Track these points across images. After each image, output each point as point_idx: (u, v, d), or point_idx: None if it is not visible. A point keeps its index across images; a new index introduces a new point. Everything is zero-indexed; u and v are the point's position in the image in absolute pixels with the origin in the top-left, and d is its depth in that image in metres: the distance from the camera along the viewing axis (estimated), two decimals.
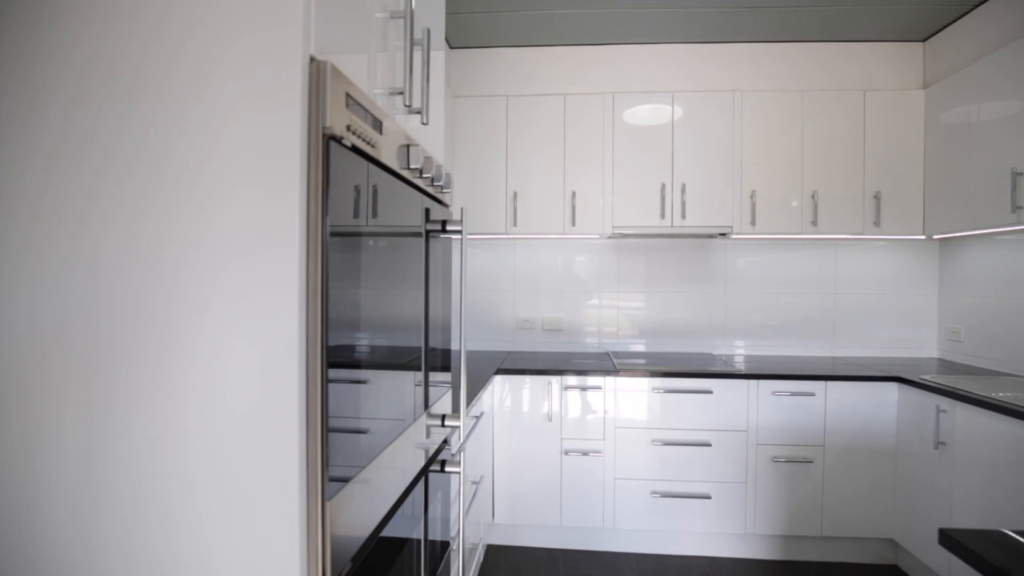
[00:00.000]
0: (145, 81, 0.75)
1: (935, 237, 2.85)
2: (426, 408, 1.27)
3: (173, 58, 0.75)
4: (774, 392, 2.51)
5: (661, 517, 2.56)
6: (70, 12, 0.77)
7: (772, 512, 2.52)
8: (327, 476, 0.75)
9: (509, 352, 3.14)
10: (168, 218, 0.75)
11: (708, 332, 3.13)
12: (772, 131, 2.82)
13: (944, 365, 2.75)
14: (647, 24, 2.88)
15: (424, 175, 1.17)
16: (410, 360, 1.15)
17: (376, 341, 0.95)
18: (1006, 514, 1.84)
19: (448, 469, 1.41)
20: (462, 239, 1.33)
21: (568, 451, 2.60)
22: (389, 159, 0.99)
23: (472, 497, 2.02)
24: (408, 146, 1.08)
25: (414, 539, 1.20)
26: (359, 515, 0.87)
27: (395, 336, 1.05)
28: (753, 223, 2.81)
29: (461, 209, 1.34)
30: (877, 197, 2.78)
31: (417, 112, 1.19)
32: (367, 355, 0.91)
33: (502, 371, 2.61)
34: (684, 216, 2.83)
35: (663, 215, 2.84)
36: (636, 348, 3.17)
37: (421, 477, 1.25)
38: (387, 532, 1.01)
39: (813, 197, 2.79)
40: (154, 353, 0.75)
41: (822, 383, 2.50)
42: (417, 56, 1.19)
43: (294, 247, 0.73)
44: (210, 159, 0.74)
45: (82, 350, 0.76)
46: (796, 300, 3.09)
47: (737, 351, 3.12)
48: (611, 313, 3.18)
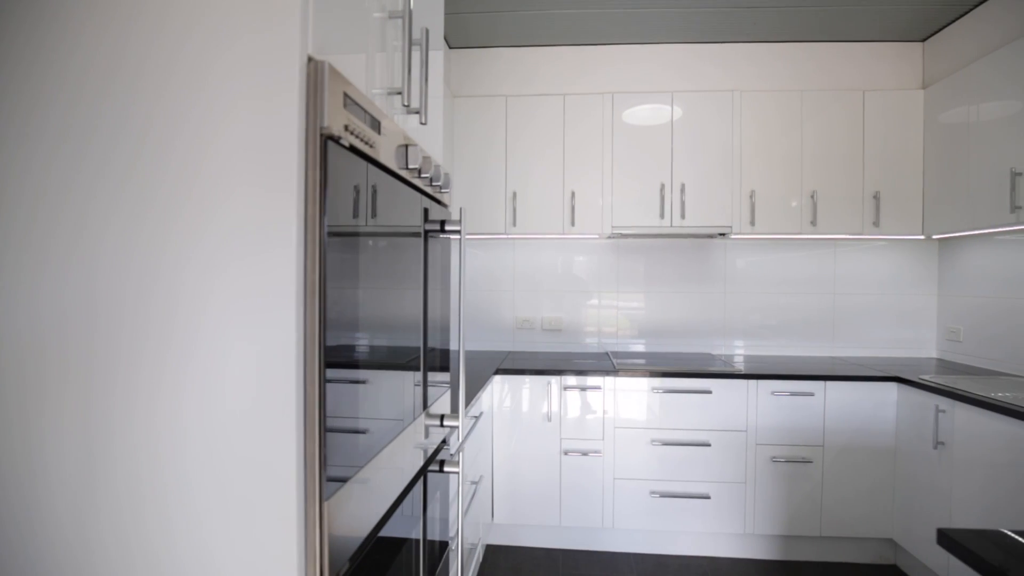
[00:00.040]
0: (144, 81, 0.75)
1: (934, 237, 2.85)
2: (425, 408, 1.27)
3: (172, 58, 0.75)
4: (773, 392, 2.51)
5: (660, 517, 2.56)
6: (69, 12, 0.77)
7: (771, 512, 2.52)
8: (325, 476, 0.75)
9: (508, 352, 3.14)
10: (167, 218, 0.75)
11: (707, 332, 3.13)
12: (771, 131, 2.82)
13: (943, 365, 2.75)
14: (646, 24, 2.88)
15: (423, 175, 1.17)
16: (409, 360, 1.15)
17: (375, 341, 0.95)
18: (1005, 514, 1.84)
19: (447, 469, 1.41)
20: (461, 239, 1.33)
21: (567, 451, 2.60)
22: (388, 159, 0.99)
23: (471, 497, 2.02)
24: (407, 146, 1.08)
25: (413, 539, 1.20)
26: (357, 515, 0.87)
27: (394, 336, 1.05)
28: (752, 223, 2.81)
29: (460, 209, 1.34)
30: (876, 197, 2.78)
31: (416, 112, 1.19)
32: (365, 355, 0.91)
33: (501, 371, 2.61)
34: (683, 216, 2.83)
35: (662, 215, 2.84)
36: (636, 348, 3.17)
37: (420, 477, 1.25)
38: (385, 532, 1.01)
39: (812, 197, 2.79)
40: (152, 353, 0.75)
41: (821, 383, 2.50)
42: (416, 56, 1.19)
43: (291, 247, 0.73)
44: (209, 159, 0.74)
45: (81, 350, 0.77)
46: (795, 300, 3.09)
47: (736, 351, 3.12)
48: (610, 313, 3.18)
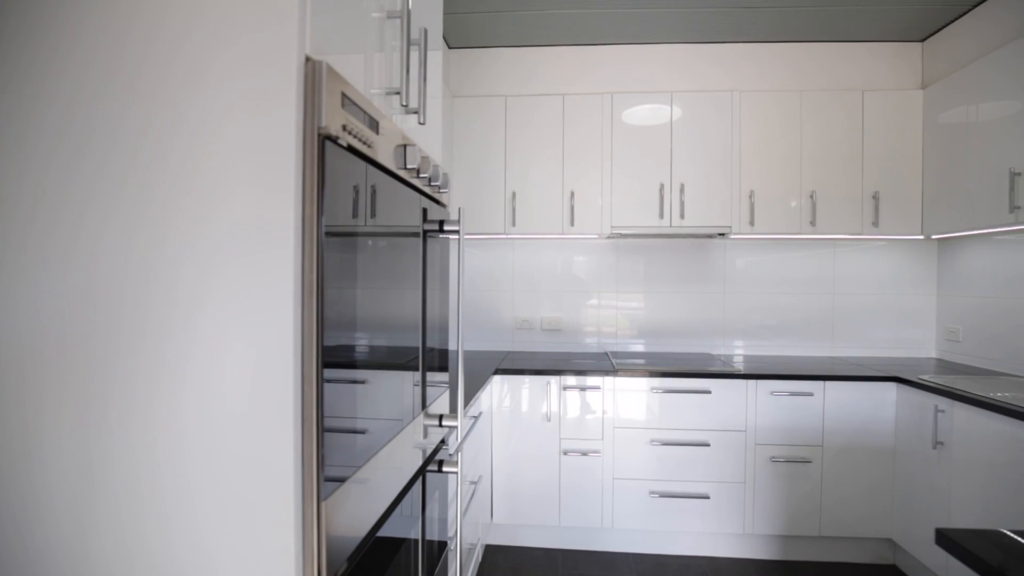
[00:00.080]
0: (142, 81, 0.76)
1: (933, 237, 2.85)
2: (424, 408, 1.27)
3: (170, 58, 0.75)
4: (773, 392, 2.51)
5: (660, 517, 2.56)
6: (68, 12, 0.77)
7: (771, 512, 2.52)
8: (323, 475, 0.75)
9: (508, 352, 3.14)
10: (165, 218, 0.75)
11: (707, 332, 3.13)
12: (771, 131, 2.82)
13: (942, 365, 2.75)
14: (646, 24, 2.88)
15: (421, 175, 1.17)
16: (407, 360, 1.15)
17: (373, 341, 0.95)
18: (1005, 514, 1.84)
19: (446, 469, 1.41)
20: (459, 239, 1.33)
21: (567, 451, 2.60)
22: (386, 159, 0.99)
23: (470, 497, 2.02)
24: (405, 146, 1.08)
25: (411, 539, 1.20)
26: (355, 515, 0.87)
27: (392, 336, 1.05)
28: (752, 223, 2.81)
29: (459, 209, 1.34)
30: (876, 197, 2.78)
31: (414, 112, 1.19)
32: (363, 355, 0.91)
33: (501, 371, 2.61)
34: (683, 216, 2.83)
35: (662, 215, 2.84)
36: (635, 348, 3.17)
37: (418, 477, 1.25)
38: (384, 532, 1.01)
39: (812, 197, 2.79)
40: (151, 352, 0.75)
41: (821, 383, 2.50)
42: (414, 56, 1.19)
43: (289, 247, 0.73)
44: (207, 159, 0.74)
45: (80, 349, 0.77)
46: (795, 300, 3.09)
47: (736, 351, 3.12)
48: (610, 313, 3.18)
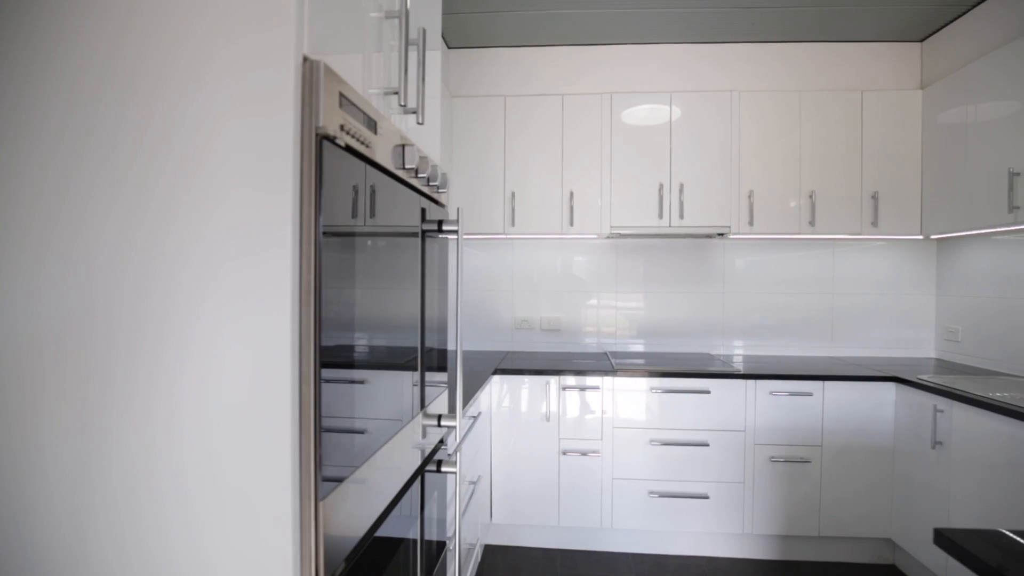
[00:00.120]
0: (141, 81, 0.76)
1: (932, 237, 2.85)
2: (422, 408, 1.27)
3: (168, 59, 0.75)
4: (772, 392, 2.52)
5: (659, 517, 2.56)
6: (67, 13, 0.77)
7: (770, 512, 2.52)
8: (320, 476, 0.75)
9: (507, 352, 3.14)
10: (164, 218, 0.75)
11: (706, 332, 3.13)
12: (770, 131, 2.82)
13: (942, 365, 2.75)
14: (645, 24, 2.88)
15: (420, 175, 1.17)
16: (406, 360, 1.15)
17: (371, 341, 0.95)
18: (1004, 514, 1.84)
19: (444, 469, 1.41)
20: (458, 239, 1.33)
21: (566, 451, 2.60)
22: (384, 159, 0.99)
23: (469, 497, 2.02)
24: (403, 146, 1.08)
25: (410, 539, 1.20)
26: (353, 515, 0.87)
27: (391, 336, 1.05)
28: (751, 223, 2.81)
29: (457, 209, 1.34)
30: (875, 197, 2.78)
31: (413, 112, 1.19)
32: (362, 355, 0.91)
33: (500, 371, 2.61)
34: (682, 216, 2.83)
35: (661, 215, 2.84)
36: (634, 348, 3.17)
37: (417, 477, 1.25)
38: (382, 532, 1.01)
39: (811, 197, 2.80)
40: (149, 352, 0.76)
41: (820, 383, 2.50)
42: (412, 56, 1.19)
43: (287, 247, 0.73)
44: (205, 159, 0.74)
45: (78, 349, 0.77)
46: (794, 300, 3.09)
47: (735, 351, 3.12)
48: (609, 313, 3.18)
